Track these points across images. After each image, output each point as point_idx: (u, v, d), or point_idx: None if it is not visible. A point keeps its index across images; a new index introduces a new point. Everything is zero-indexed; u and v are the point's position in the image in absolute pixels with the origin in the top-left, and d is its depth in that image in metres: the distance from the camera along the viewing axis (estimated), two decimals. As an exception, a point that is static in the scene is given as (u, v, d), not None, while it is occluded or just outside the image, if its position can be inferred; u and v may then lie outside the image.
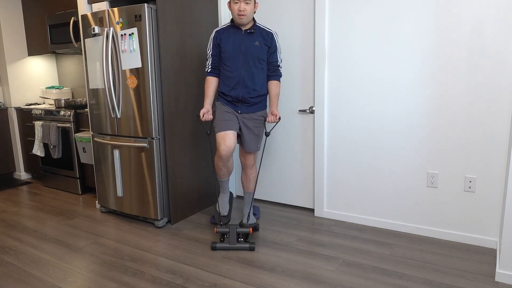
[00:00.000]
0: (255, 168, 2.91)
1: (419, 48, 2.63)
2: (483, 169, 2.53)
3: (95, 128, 3.31)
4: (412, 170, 2.77)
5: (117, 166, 3.17)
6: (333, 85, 3.01)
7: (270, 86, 2.75)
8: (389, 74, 2.76)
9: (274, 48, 2.73)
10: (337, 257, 2.51)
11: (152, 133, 2.93)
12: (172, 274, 2.35)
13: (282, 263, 2.45)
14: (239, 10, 2.56)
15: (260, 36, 2.68)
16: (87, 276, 2.35)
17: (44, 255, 2.65)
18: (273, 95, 2.73)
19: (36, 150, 4.15)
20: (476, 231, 2.61)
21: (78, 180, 3.96)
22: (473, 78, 2.48)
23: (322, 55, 2.99)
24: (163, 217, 3.07)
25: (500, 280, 2.18)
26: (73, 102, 4.08)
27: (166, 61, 2.92)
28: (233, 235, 2.63)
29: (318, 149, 3.13)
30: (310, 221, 3.11)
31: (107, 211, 3.46)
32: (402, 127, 2.77)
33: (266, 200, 3.59)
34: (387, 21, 2.71)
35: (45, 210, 3.54)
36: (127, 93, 3.00)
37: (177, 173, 3.11)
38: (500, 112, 2.43)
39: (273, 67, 2.75)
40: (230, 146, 2.66)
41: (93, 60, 3.18)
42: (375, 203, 2.96)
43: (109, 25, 2.99)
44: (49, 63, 4.87)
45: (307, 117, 3.19)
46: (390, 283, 2.19)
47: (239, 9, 2.56)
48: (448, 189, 2.66)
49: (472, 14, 2.43)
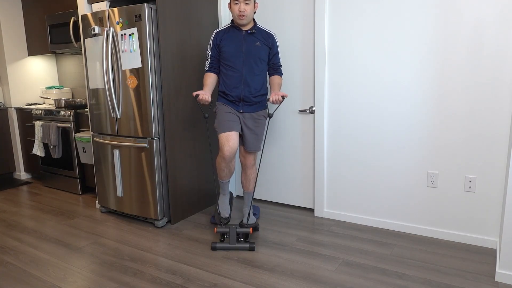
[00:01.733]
0: (255, 168, 2.91)
1: (419, 48, 2.63)
2: (483, 169, 2.53)
3: (95, 128, 3.31)
4: (412, 170, 2.77)
5: (117, 166, 3.17)
6: (333, 85, 3.01)
7: (272, 79, 2.79)
8: (389, 74, 2.76)
9: (276, 50, 2.77)
10: (337, 257, 2.51)
11: (152, 133, 2.93)
12: (172, 274, 2.35)
13: (282, 263, 2.45)
14: (239, 11, 2.59)
15: (261, 37, 2.71)
16: (87, 276, 2.36)
17: (44, 255, 2.65)
18: (273, 83, 2.76)
19: (36, 150, 4.15)
20: (476, 231, 2.61)
21: (78, 180, 3.96)
22: (473, 78, 2.48)
23: (322, 55, 2.99)
24: (163, 217, 3.07)
25: (500, 280, 2.18)
26: (73, 102, 4.08)
27: (166, 61, 2.92)
28: (233, 235, 2.63)
29: (318, 149, 3.13)
30: (310, 221, 3.11)
31: (107, 211, 3.46)
32: (402, 127, 2.77)
33: (266, 200, 3.59)
34: (387, 20, 2.71)
35: (45, 210, 3.54)
36: (127, 93, 3.00)
37: (177, 173, 3.11)
38: (501, 111, 2.43)
39: (275, 67, 2.81)
40: (233, 147, 2.67)
41: (93, 60, 3.18)
42: (375, 203, 2.96)
43: (109, 25, 2.99)
44: (49, 63, 4.87)
45: (307, 117, 3.19)
46: (390, 283, 2.19)
47: (239, 10, 2.59)
48: (448, 189, 2.66)
49: (472, 13, 2.43)
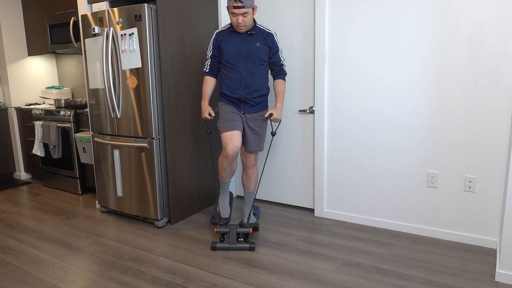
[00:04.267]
0: (256, 168, 2.91)
1: (419, 48, 2.63)
2: (483, 169, 2.53)
3: (95, 128, 3.31)
4: (412, 170, 2.77)
5: (117, 166, 3.17)
6: (333, 85, 3.01)
7: (275, 84, 2.77)
8: (389, 74, 2.76)
9: (276, 49, 2.73)
10: (337, 257, 2.51)
11: (152, 133, 2.93)
12: (172, 274, 2.35)
13: (282, 263, 2.45)
14: (238, 23, 2.56)
15: (261, 37, 2.69)
16: (87, 276, 2.35)
17: (44, 255, 2.65)
18: (277, 92, 2.76)
19: (36, 150, 4.15)
20: (476, 231, 2.61)
21: (78, 180, 3.96)
22: (473, 78, 2.48)
23: (322, 55, 2.99)
24: (163, 217, 3.07)
25: (500, 280, 2.18)
26: (73, 102, 4.08)
27: (166, 61, 2.92)
28: (233, 235, 2.63)
29: (318, 149, 3.13)
30: (310, 221, 3.11)
31: (107, 211, 3.46)
32: (402, 127, 2.77)
33: (266, 200, 3.59)
34: (387, 21, 2.71)
35: (45, 210, 3.54)
36: (127, 93, 3.00)
37: (177, 173, 3.11)
38: (501, 112, 2.43)
39: (277, 67, 2.77)
40: (237, 146, 2.67)
41: (93, 60, 3.18)
42: (375, 203, 2.96)
43: (109, 25, 2.99)
44: (49, 63, 4.87)
45: (307, 117, 3.19)
46: (390, 283, 2.19)
47: (238, 22, 2.56)
48: (448, 189, 2.66)
49: (472, 14, 2.43)
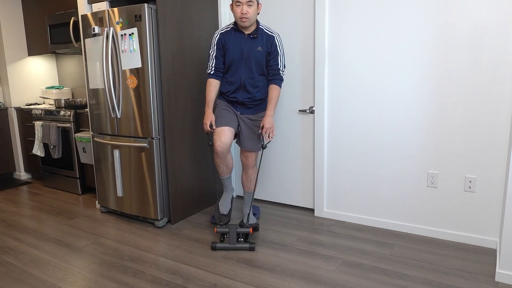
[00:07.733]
0: (255, 168, 2.91)
1: (420, 48, 2.63)
2: (483, 169, 2.53)
3: (95, 128, 3.31)
4: (412, 170, 2.77)
5: (117, 166, 3.17)
6: (333, 85, 3.01)
7: (269, 89, 2.68)
8: (390, 74, 2.76)
9: (275, 53, 2.65)
10: (337, 257, 2.51)
11: (152, 133, 2.93)
12: (172, 274, 2.35)
13: (282, 263, 2.45)
14: (242, 13, 2.49)
15: (263, 41, 2.62)
16: (87, 276, 2.35)
17: (44, 255, 2.65)
18: (269, 98, 2.65)
19: (36, 150, 4.15)
20: (476, 231, 2.61)
21: (78, 180, 3.96)
22: (473, 79, 2.48)
23: (322, 55, 2.99)
24: (163, 217, 3.07)
25: (500, 280, 2.18)
26: (73, 102, 4.08)
27: (166, 61, 2.92)
28: (233, 235, 2.63)
29: (318, 149, 3.13)
30: (310, 221, 3.11)
31: (107, 211, 3.46)
32: (402, 127, 2.77)
33: (266, 200, 3.59)
34: (387, 22, 2.71)
35: (45, 210, 3.54)
36: (127, 93, 3.00)
37: (177, 173, 3.11)
38: (500, 112, 2.43)
39: (273, 71, 2.68)
40: (225, 142, 2.64)
41: (93, 60, 3.18)
42: (375, 203, 2.96)
43: (109, 25, 2.99)
44: (49, 63, 4.87)
45: (307, 117, 3.19)
46: (390, 283, 2.19)
47: (242, 12, 2.48)
48: (448, 189, 2.66)
49: (472, 17, 2.43)
